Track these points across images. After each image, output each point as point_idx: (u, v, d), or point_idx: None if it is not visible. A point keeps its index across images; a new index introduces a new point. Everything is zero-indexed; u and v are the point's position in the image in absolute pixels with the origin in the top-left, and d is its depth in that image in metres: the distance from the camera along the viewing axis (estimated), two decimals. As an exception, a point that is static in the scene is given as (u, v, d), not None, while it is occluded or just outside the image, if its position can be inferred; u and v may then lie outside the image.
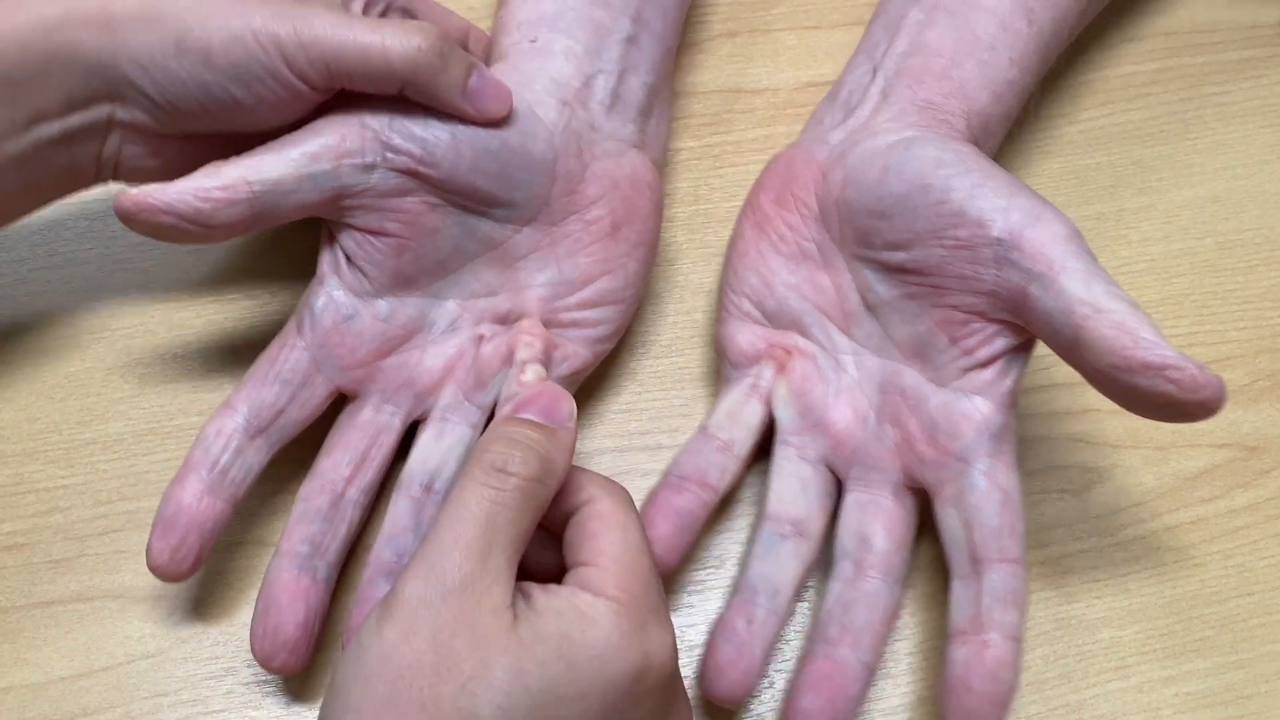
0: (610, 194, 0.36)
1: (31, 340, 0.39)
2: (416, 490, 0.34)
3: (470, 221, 0.35)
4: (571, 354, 0.36)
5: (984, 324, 0.33)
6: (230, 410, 0.33)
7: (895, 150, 0.34)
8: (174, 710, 0.34)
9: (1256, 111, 0.45)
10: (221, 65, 0.32)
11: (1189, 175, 0.44)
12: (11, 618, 0.35)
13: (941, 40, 0.37)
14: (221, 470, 0.33)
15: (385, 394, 0.35)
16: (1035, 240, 0.31)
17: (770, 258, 0.36)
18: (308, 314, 0.34)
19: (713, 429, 0.35)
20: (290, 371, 0.34)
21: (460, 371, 0.35)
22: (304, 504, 0.33)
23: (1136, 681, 0.35)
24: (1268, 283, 0.42)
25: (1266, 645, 0.36)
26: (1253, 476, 0.38)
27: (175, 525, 0.32)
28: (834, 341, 0.36)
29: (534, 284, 0.36)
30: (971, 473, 0.32)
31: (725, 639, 0.32)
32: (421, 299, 0.35)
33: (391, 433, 0.35)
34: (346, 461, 0.34)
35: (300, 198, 0.33)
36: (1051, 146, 0.44)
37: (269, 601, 0.32)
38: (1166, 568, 0.37)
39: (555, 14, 0.37)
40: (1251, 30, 0.47)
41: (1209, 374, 0.28)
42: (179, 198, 0.31)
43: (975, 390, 0.33)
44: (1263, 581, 0.37)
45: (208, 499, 0.32)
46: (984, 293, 0.32)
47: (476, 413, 0.35)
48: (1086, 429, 0.39)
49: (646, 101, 0.38)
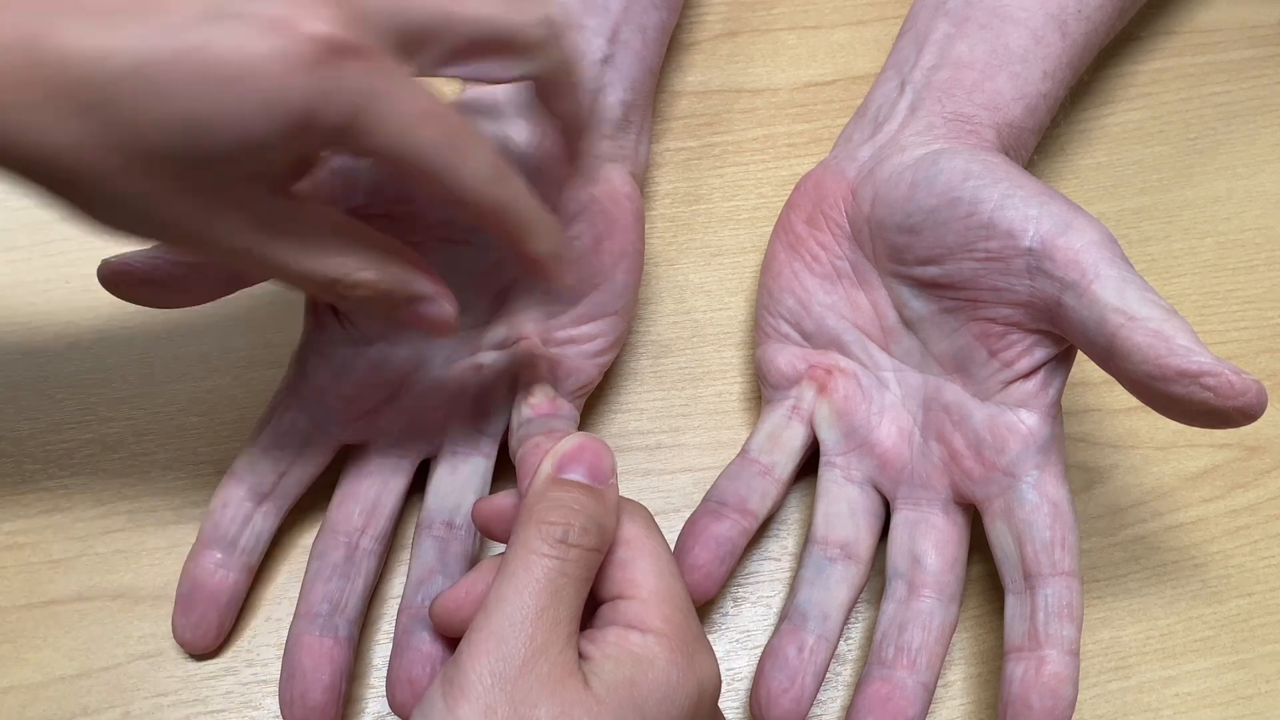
0: (588, 209, 0.35)
1: (31, 340, 0.39)
2: (439, 529, 0.33)
3: (453, 253, 0.34)
4: (574, 369, 0.35)
5: (1022, 335, 0.32)
6: (234, 479, 0.33)
7: (923, 164, 0.33)
8: (174, 710, 0.34)
9: (1257, 111, 0.45)
10: None
11: (1189, 175, 0.44)
12: (11, 618, 0.35)
13: (972, 53, 0.36)
14: (231, 542, 0.33)
15: (390, 439, 0.34)
16: (1067, 248, 0.30)
17: (805, 278, 0.36)
18: (299, 374, 0.34)
19: (753, 452, 0.35)
20: (288, 435, 0.34)
21: (464, 404, 0.35)
22: (318, 560, 0.33)
23: (1137, 681, 0.35)
24: (1268, 283, 0.42)
25: (1267, 645, 0.36)
26: (1253, 476, 0.38)
27: (194, 602, 0.33)
28: (874, 359, 0.36)
29: (525, 307, 0.36)
30: (1020, 486, 0.32)
31: (776, 667, 0.32)
32: (414, 340, 0.35)
33: (401, 476, 0.34)
34: (358, 512, 0.34)
35: None
36: (1052, 147, 0.44)
37: (294, 667, 0.32)
38: (1166, 568, 0.37)
39: None
40: (1252, 30, 0.47)
41: (1246, 379, 0.27)
42: (153, 265, 0.31)
43: (1019, 402, 0.33)
44: (1263, 581, 0.36)
45: (221, 572, 0.33)
46: (1020, 304, 0.32)
47: (487, 442, 0.35)
48: (1086, 429, 0.39)
49: (624, 118, 0.37)
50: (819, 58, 0.45)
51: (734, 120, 0.44)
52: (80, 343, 0.39)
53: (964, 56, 0.37)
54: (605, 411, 0.39)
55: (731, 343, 0.40)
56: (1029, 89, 0.36)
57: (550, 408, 0.33)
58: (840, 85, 0.45)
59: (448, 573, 0.33)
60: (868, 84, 0.44)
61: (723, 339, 0.40)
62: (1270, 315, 0.41)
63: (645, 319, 0.40)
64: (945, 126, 0.35)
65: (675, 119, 0.44)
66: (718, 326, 0.40)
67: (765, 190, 0.43)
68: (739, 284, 0.41)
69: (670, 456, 0.38)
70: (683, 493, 0.37)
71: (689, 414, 0.39)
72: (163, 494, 0.36)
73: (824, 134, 0.44)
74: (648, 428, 0.38)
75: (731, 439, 0.38)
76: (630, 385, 0.39)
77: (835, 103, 0.44)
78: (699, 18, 0.46)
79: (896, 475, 0.34)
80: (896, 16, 0.46)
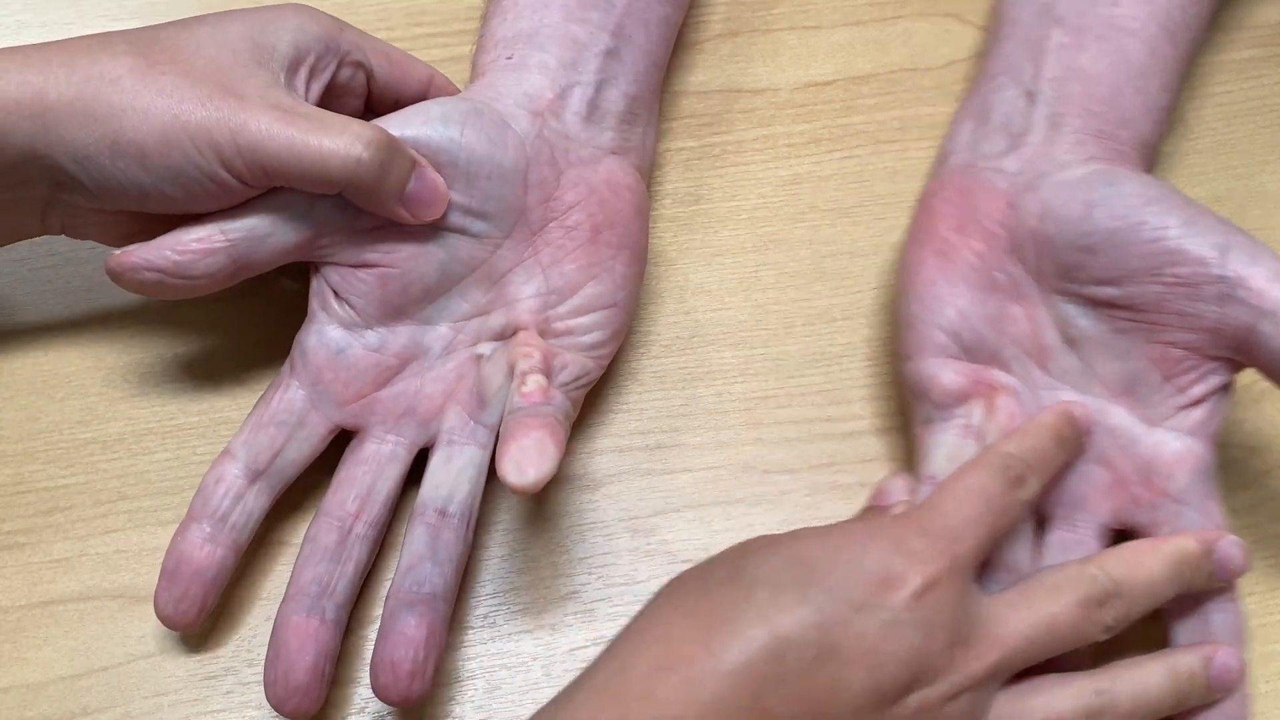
0: (587, 199, 0.36)
1: (31, 340, 0.39)
2: (431, 516, 0.33)
3: (450, 241, 0.35)
4: (570, 361, 0.35)
5: (1199, 361, 0.33)
6: (228, 456, 0.34)
7: (1095, 185, 0.33)
8: (174, 710, 0.34)
9: (1257, 111, 0.45)
10: (157, 167, 0.31)
11: (1190, 175, 0.43)
12: (11, 617, 0.35)
13: (1096, 66, 0.36)
14: (221, 517, 0.33)
15: (387, 425, 0.35)
16: (1259, 276, 0.31)
17: (960, 287, 0.35)
18: (299, 353, 0.35)
19: (937, 477, 0.34)
20: (285, 412, 0.34)
21: (462, 393, 0.35)
22: (311, 544, 0.33)
23: (1137, 682, 0.35)
24: (1268, 283, 0.42)
25: (1267, 645, 0.36)
26: (1253, 476, 0.38)
27: (178, 576, 0.33)
28: (1031, 376, 0.35)
29: (523, 296, 0.36)
30: (1187, 513, 0.33)
31: None
32: (413, 326, 0.35)
33: (397, 463, 0.35)
34: (352, 497, 0.34)
35: (278, 241, 0.33)
36: (1052, 146, 0.44)
37: (279, 646, 0.32)
38: (1167, 568, 0.37)
39: (532, 31, 0.37)
40: (1252, 30, 0.47)
41: None
42: (158, 253, 0.32)
43: (1188, 430, 0.33)
44: (1263, 582, 0.36)
45: (208, 547, 0.33)
46: (1205, 330, 0.32)
47: (484, 432, 0.35)
48: (1087, 429, 0.39)
49: (628, 111, 0.37)
50: (819, 58, 0.45)
51: (734, 120, 0.44)
52: (81, 342, 0.39)
53: (1089, 69, 0.36)
54: (605, 411, 0.39)
55: (731, 342, 0.40)
56: (1152, 103, 0.37)
57: (542, 397, 0.32)
58: (840, 85, 0.45)
59: (437, 560, 0.33)
60: (868, 84, 0.45)
61: (723, 339, 0.40)
62: (1270, 315, 0.41)
63: (645, 319, 0.40)
64: (1096, 145, 0.35)
65: (676, 119, 0.44)
66: (718, 326, 0.40)
67: (765, 190, 0.43)
68: (739, 284, 0.41)
69: (670, 456, 0.38)
70: (683, 493, 0.37)
71: (689, 414, 0.39)
72: (163, 494, 0.36)
73: (824, 134, 0.44)
74: (648, 428, 0.38)
75: (731, 439, 0.38)
76: (630, 385, 0.39)
77: (835, 103, 0.44)
78: (699, 18, 0.46)
79: (1055, 497, 0.34)
80: (897, 16, 0.46)
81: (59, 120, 0.31)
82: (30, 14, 0.44)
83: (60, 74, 0.31)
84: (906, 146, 0.43)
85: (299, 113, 0.32)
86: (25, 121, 0.31)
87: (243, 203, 0.33)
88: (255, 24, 0.34)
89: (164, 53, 0.32)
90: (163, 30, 0.33)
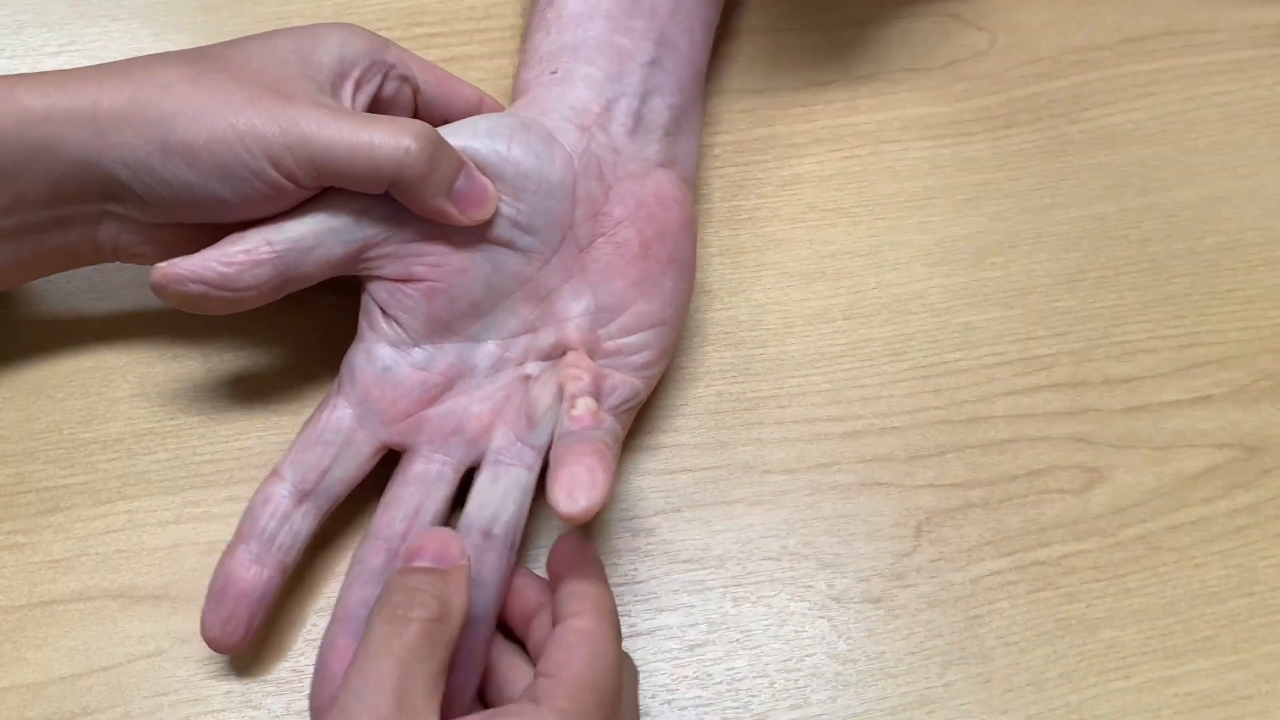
0: (636, 213, 0.35)
1: (31, 340, 0.39)
2: (475, 537, 0.33)
3: (498, 255, 0.34)
4: (620, 383, 0.34)
5: None
6: (276, 477, 0.33)
7: None
8: (174, 710, 0.34)
9: (1257, 111, 0.45)
10: (206, 166, 0.31)
11: (1190, 175, 0.44)
12: (11, 617, 0.35)
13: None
14: (269, 538, 0.33)
15: (434, 444, 0.34)
16: None
17: None
18: (347, 372, 0.34)
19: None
20: (333, 431, 0.34)
21: (510, 413, 0.35)
22: (359, 565, 0.33)
23: (1137, 681, 0.35)
24: (1268, 283, 0.42)
25: (1267, 645, 0.36)
26: (1253, 477, 0.38)
27: (225, 597, 0.32)
28: None
29: (572, 315, 0.35)
30: None
31: None
32: (460, 344, 0.35)
33: (444, 484, 0.34)
34: (400, 518, 0.33)
35: (324, 253, 0.33)
36: (1052, 146, 0.44)
37: (324, 669, 0.31)
38: (1167, 568, 0.37)
39: (576, 43, 0.37)
40: (1252, 30, 0.47)
41: None
42: (203, 264, 0.32)
43: None
44: (1263, 582, 0.36)
45: (255, 568, 0.32)
46: None
47: (531, 453, 0.34)
48: (1086, 429, 0.39)
49: (673, 121, 0.37)
50: (819, 57, 0.45)
51: (735, 120, 0.44)
52: (81, 343, 0.39)
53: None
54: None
55: (731, 343, 0.40)
56: None
57: (592, 421, 0.32)
58: (840, 85, 0.45)
59: (480, 582, 0.32)
60: (868, 84, 0.45)
61: (723, 339, 0.40)
62: (1270, 315, 0.41)
63: (645, 319, 0.40)
64: None
65: (675, 119, 0.44)
66: (718, 326, 0.40)
67: (765, 190, 0.43)
68: (739, 284, 0.41)
69: (670, 456, 0.38)
70: (683, 493, 0.37)
71: (690, 413, 0.39)
72: (163, 494, 0.36)
73: (824, 134, 0.44)
74: (648, 428, 0.38)
75: (731, 439, 0.38)
76: (630, 385, 0.39)
77: (836, 103, 0.44)
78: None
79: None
80: (898, 16, 0.46)
81: (112, 126, 0.31)
82: (30, 14, 0.44)
83: (114, 84, 0.31)
84: (907, 146, 0.44)
85: (348, 113, 0.32)
86: (79, 130, 0.31)
87: (288, 213, 0.33)
88: (302, 38, 0.34)
89: (214, 62, 0.33)
90: (213, 47, 0.34)
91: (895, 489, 0.38)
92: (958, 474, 0.38)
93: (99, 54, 0.43)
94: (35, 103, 0.31)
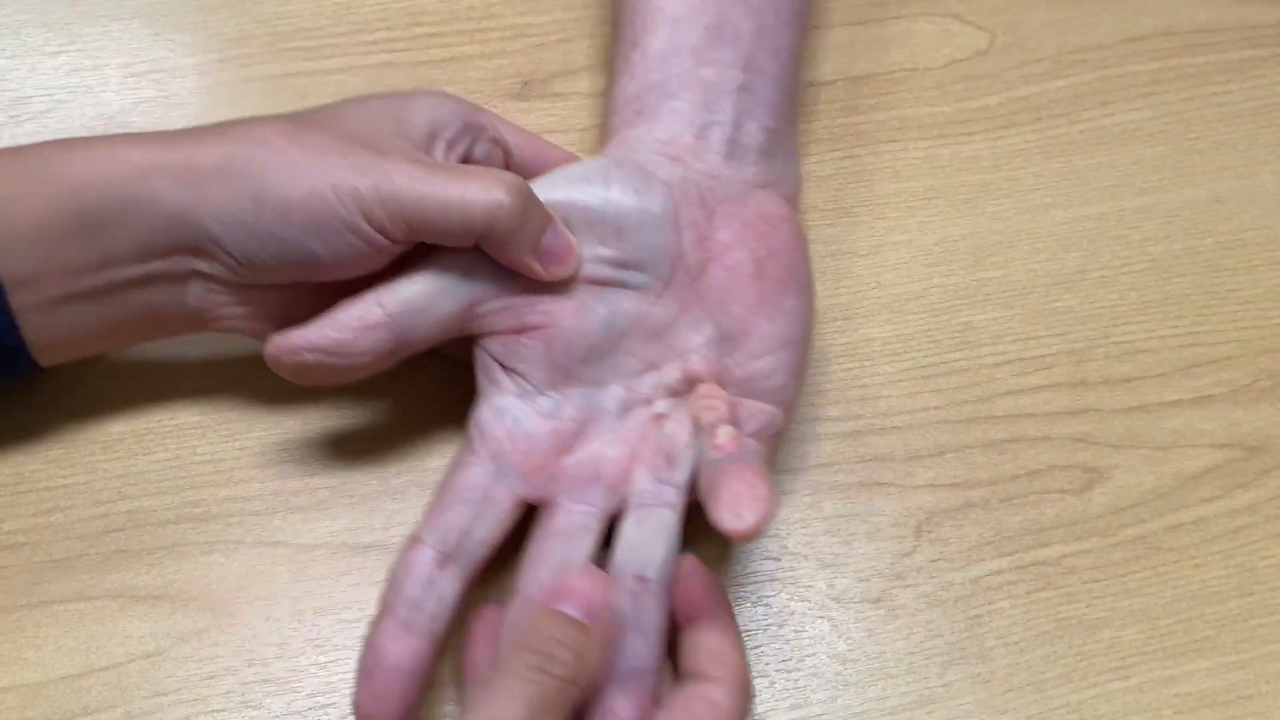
0: (743, 234, 0.35)
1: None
2: (630, 583, 0.32)
3: (610, 296, 0.34)
4: (755, 410, 0.34)
5: None
6: (416, 543, 0.32)
7: None
8: (174, 710, 0.34)
9: (1257, 111, 0.45)
10: (299, 221, 0.31)
11: (1190, 175, 0.44)
12: (11, 617, 0.35)
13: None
14: (415, 605, 0.31)
15: (573, 494, 0.33)
16: None
17: None
18: (476, 430, 0.34)
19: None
20: (470, 489, 0.33)
21: (646, 454, 0.34)
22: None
23: (1137, 681, 0.35)
24: (1268, 283, 0.42)
25: (1267, 645, 0.36)
26: (1253, 476, 0.38)
27: (376, 672, 0.31)
28: None
29: (693, 346, 0.34)
30: None
31: None
32: (584, 389, 0.34)
33: (589, 534, 0.33)
34: (547, 573, 0.32)
35: (437, 312, 0.33)
36: (1052, 146, 0.44)
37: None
38: (1167, 568, 0.37)
39: (661, 82, 0.36)
40: (1252, 30, 0.47)
41: None
42: (319, 333, 0.31)
43: None
44: (1263, 581, 0.37)
45: (404, 638, 0.31)
46: None
47: (673, 492, 0.33)
48: (1086, 429, 0.39)
49: (767, 143, 0.37)
50: (819, 58, 0.45)
51: (734, 120, 0.44)
52: (80, 342, 0.39)
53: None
54: (605, 411, 0.39)
55: (732, 343, 0.40)
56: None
57: (735, 446, 0.31)
58: (840, 85, 0.45)
59: (642, 630, 0.31)
60: (868, 83, 0.45)
61: (723, 339, 0.40)
62: (1270, 315, 0.41)
63: (645, 319, 0.40)
64: None
65: (675, 119, 0.44)
66: (718, 326, 0.40)
67: (765, 190, 0.42)
68: (739, 284, 0.41)
69: (670, 456, 0.38)
70: (683, 493, 0.37)
71: (689, 414, 0.39)
72: (163, 494, 0.36)
73: (824, 134, 0.44)
74: (648, 428, 0.38)
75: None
76: (630, 385, 0.39)
77: (836, 103, 0.44)
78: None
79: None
80: (898, 16, 0.46)
81: (207, 179, 0.31)
82: (30, 14, 0.44)
83: (212, 139, 0.32)
84: (906, 146, 0.44)
85: (441, 166, 0.32)
86: (175, 184, 0.31)
87: (396, 277, 0.32)
88: (395, 101, 0.35)
89: (310, 120, 0.33)
90: (309, 109, 0.34)
91: (895, 489, 0.38)
92: (958, 474, 0.38)
93: (99, 54, 0.43)
94: (135, 157, 0.31)
